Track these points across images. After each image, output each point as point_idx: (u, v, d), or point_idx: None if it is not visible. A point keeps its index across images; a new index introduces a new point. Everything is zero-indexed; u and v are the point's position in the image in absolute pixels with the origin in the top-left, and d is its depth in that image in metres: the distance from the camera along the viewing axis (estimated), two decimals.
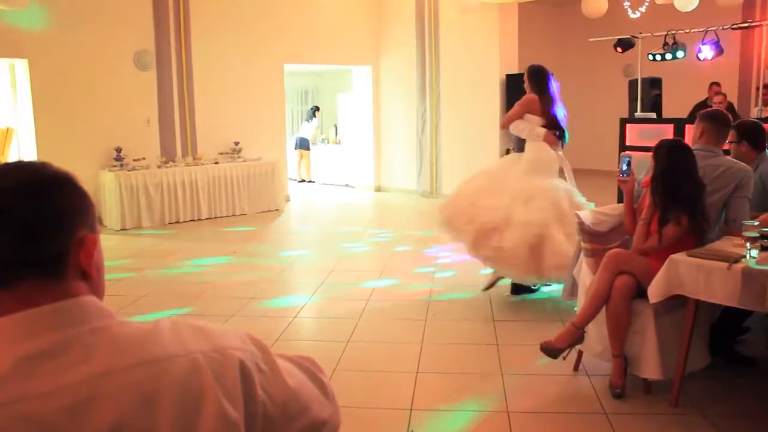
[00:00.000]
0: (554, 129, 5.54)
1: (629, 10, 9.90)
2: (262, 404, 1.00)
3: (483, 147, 10.71)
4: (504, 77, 10.56)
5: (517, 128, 5.63)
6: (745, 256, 3.32)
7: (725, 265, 3.24)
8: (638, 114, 10.23)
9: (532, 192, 5.33)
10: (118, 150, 9.27)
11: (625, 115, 10.36)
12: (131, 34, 9.55)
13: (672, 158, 3.73)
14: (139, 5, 9.62)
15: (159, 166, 9.54)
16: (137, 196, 9.15)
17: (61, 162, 1.04)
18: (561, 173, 5.71)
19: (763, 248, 3.39)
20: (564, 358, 3.83)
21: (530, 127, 5.56)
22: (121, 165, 9.25)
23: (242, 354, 1.00)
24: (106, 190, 9.13)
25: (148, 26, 9.72)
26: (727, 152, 4.40)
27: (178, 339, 0.97)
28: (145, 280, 6.46)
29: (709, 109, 4.45)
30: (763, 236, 3.42)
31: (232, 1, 10.43)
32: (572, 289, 4.35)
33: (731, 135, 4.46)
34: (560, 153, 5.67)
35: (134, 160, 9.39)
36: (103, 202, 9.17)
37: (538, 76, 5.65)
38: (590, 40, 11.60)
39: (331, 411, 1.17)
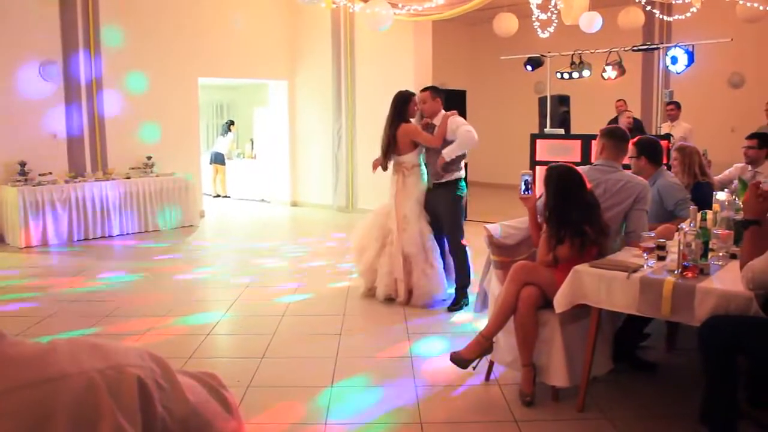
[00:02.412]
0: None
1: (539, 30, 10.25)
2: (162, 421, 1.00)
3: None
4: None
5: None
6: (643, 266, 3.49)
7: (625, 274, 3.40)
8: (548, 130, 10.62)
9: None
10: (22, 164, 8.90)
11: (536, 131, 10.73)
12: (36, 43, 9.20)
13: (560, 187, 3.88)
14: (45, 14, 9.28)
15: (67, 181, 9.20)
16: (43, 212, 8.80)
17: None
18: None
19: (659, 258, 3.59)
20: (474, 368, 3.92)
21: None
22: (26, 180, 8.88)
23: (141, 371, 0.99)
24: (8, 205, 8.74)
25: (54, 36, 9.39)
26: (627, 166, 4.63)
27: (74, 357, 0.95)
28: (51, 299, 6.21)
29: (609, 126, 4.66)
30: (659, 247, 3.62)
31: (145, 12, 10.21)
32: (483, 301, 4.46)
33: (631, 151, 4.70)
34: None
35: (40, 174, 9.03)
36: (5, 218, 8.80)
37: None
38: (502, 58, 11.96)
39: (235, 427, 1.17)
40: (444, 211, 5.78)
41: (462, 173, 5.85)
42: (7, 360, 0.91)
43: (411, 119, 5.93)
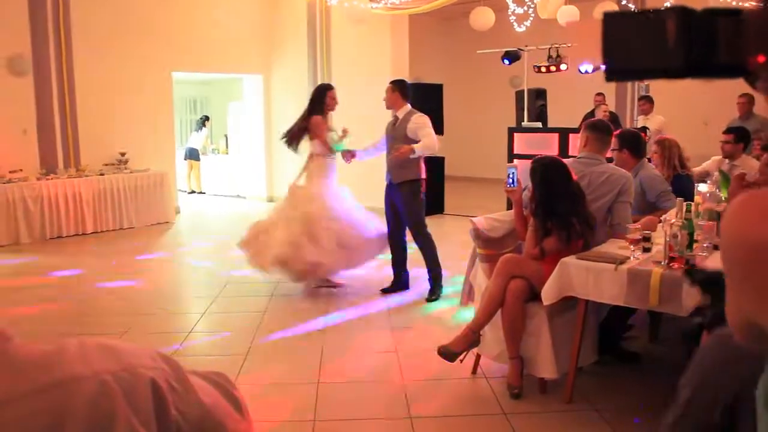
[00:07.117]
0: None
1: (515, 24, 10.28)
2: (175, 423, 0.96)
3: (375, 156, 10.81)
4: None
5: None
6: (629, 258, 3.51)
7: (612, 266, 3.41)
8: (525, 123, 10.66)
9: None
10: None
11: (513, 125, 10.77)
12: (4, 37, 8.98)
13: (546, 178, 3.89)
14: (13, 6, 9.05)
15: (38, 178, 9.02)
16: (14, 210, 8.61)
17: None
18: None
19: (645, 250, 3.60)
20: (461, 361, 3.91)
21: None
22: None
23: (154, 372, 0.96)
24: None
25: (23, 29, 9.16)
26: (610, 159, 4.65)
27: (85, 359, 0.91)
28: (22, 298, 6.08)
29: (593, 119, 4.69)
30: (645, 238, 3.63)
31: (117, 5, 10.02)
32: (469, 294, 4.45)
33: (614, 143, 4.72)
34: None
35: (10, 172, 8.84)
36: None
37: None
38: (478, 52, 11.98)
39: (246, 427, 1.14)
40: (405, 209, 5.81)
41: (421, 174, 5.82)
42: (14, 365, 0.87)
43: (330, 111, 6.24)
